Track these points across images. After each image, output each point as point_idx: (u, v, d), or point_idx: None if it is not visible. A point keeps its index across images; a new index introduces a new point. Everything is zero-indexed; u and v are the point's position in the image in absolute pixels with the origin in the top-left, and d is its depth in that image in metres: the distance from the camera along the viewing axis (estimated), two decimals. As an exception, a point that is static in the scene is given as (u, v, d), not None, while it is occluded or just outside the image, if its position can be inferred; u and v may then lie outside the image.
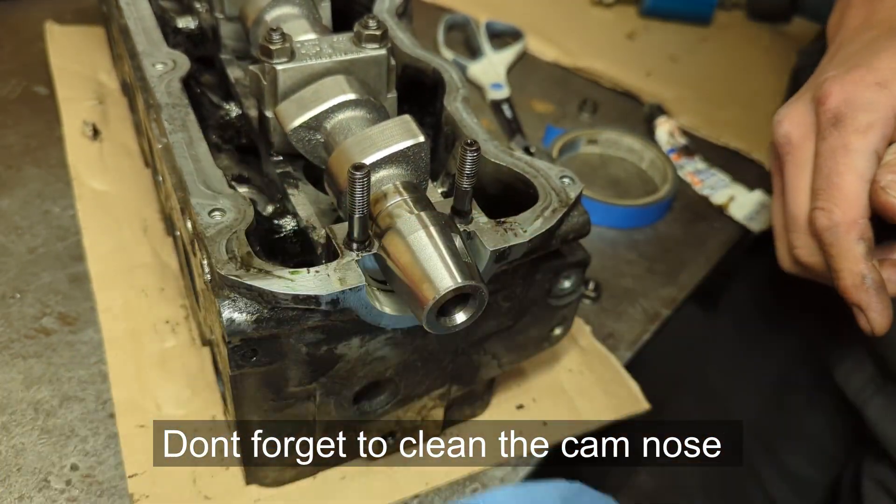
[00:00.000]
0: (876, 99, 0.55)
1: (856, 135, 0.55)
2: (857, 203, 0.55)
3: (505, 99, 1.02)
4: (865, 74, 0.56)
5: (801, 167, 0.59)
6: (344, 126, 0.54)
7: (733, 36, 1.21)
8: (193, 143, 0.53)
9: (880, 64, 0.56)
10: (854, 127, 0.55)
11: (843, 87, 0.56)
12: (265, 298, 0.44)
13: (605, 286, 0.80)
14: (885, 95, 0.55)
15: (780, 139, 0.60)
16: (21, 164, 0.85)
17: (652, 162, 0.94)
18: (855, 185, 0.55)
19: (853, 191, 0.55)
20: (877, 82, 0.55)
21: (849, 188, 0.55)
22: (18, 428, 0.62)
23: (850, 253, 0.55)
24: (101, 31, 1.01)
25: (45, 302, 0.71)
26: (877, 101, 0.55)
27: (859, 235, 0.55)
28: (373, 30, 0.57)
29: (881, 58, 0.57)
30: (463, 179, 0.47)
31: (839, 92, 0.56)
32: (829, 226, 0.55)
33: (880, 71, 0.56)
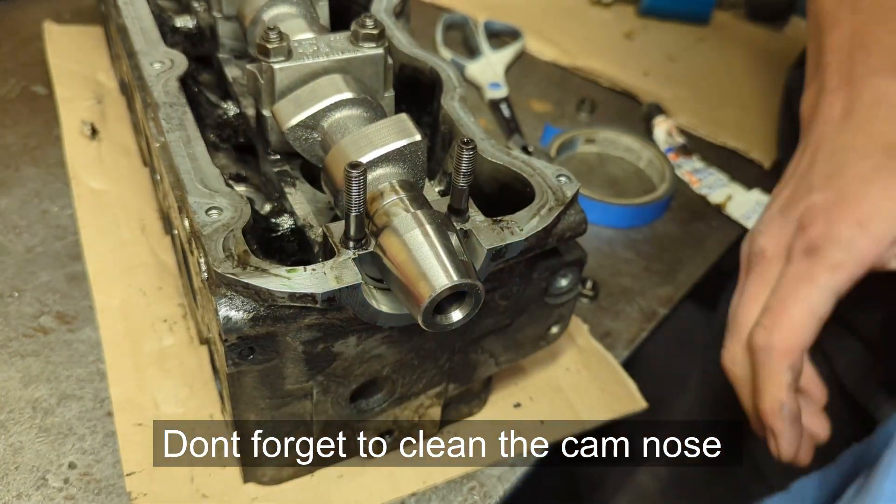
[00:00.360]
0: (854, 238, 0.55)
1: (824, 270, 0.55)
2: (799, 334, 0.55)
3: (503, 98, 1.02)
4: (850, 210, 0.56)
5: (765, 283, 0.59)
6: (341, 125, 0.54)
7: (731, 36, 1.22)
8: (191, 142, 0.53)
9: (868, 199, 0.56)
10: (825, 262, 0.55)
11: (828, 220, 0.56)
12: (262, 296, 0.44)
13: (602, 285, 0.80)
14: (864, 236, 0.55)
15: (754, 249, 0.61)
16: (19, 163, 0.85)
17: (650, 161, 0.94)
18: (803, 316, 0.55)
19: (800, 321, 0.55)
20: (857, 220, 0.55)
21: (797, 318, 0.55)
22: (16, 426, 0.62)
23: (777, 379, 0.56)
24: (99, 30, 1.01)
25: (43, 301, 0.71)
26: (854, 240, 0.55)
27: (790, 365, 0.56)
28: (370, 29, 0.57)
29: (870, 192, 0.57)
30: (459, 178, 0.47)
31: (822, 224, 0.56)
32: (765, 346, 0.56)
33: (865, 208, 0.56)
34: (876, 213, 0.55)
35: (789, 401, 0.56)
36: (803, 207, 0.59)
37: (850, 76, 0.65)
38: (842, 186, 0.58)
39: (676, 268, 0.83)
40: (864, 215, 0.56)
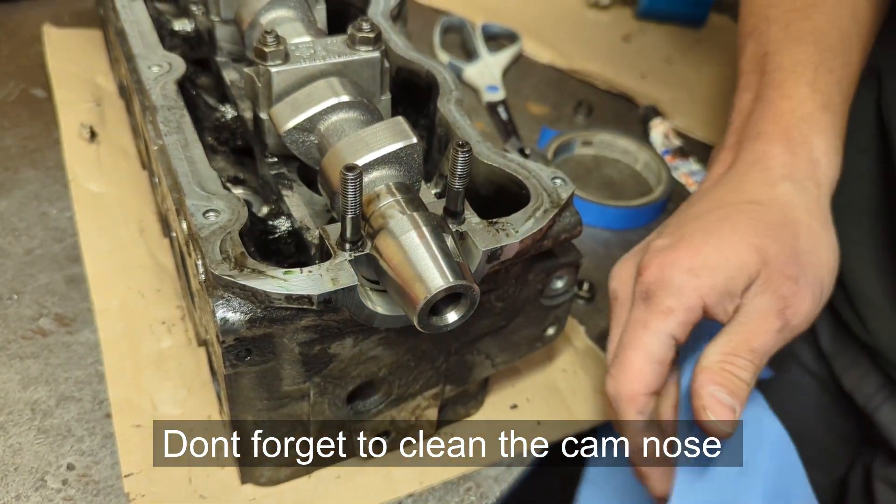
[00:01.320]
0: (684, 285, 0.55)
1: (656, 315, 0.56)
2: (639, 380, 0.56)
3: (500, 101, 1.02)
4: (682, 258, 0.56)
5: (619, 325, 0.60)
6: (337, 128, 0.54)
7: (728, 37, 1.22)
8: (189, 145, 0.54)
9: (704, 248, 0.57)
10: (657, 308, 0.56)
11: (661, 265, 0.57)
12: (258, 298, 0.45)
13: (599, 287, 0.80)
14: (693, 283, 0.55)
15: (610, 292, 0.62)
16: (18, 166, 0.85)
17: (646, 164, 0.95)
18: (641, 363, 0.56)
19: (638, 368, 0.56)
20: (689, 269, 0.56)
21: (635, 365, 0.56)
22: (15, 428, 0.62)
23: (629, 426, 0.57)
24: (98, 33, 1.01)
25: (41, 303, 0.72)
26: (684, 287, 0.55)
27: (638, 410, 0.57)
28: (366, 32, 0.57)
29: (708, 241, 0.57)
30: (455, 180, 0.48)
31: (656, 269, 0.57)
32: (614, 395, 0.57)
33: (699, 256, 0.56)
34: (707, 264, 0.56)
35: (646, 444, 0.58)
36: (646, 250, 0.60)
37: (742, 137, 0.66)
38: (684, 234, 0.59)
39: (673, 269, 0.83)
40: (696, 264, 0.56)
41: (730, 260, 0.56)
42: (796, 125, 0.64)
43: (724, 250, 0.56)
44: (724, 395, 0.53)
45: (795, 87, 0.66)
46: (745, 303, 0.56)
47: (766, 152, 0.63)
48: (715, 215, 0.60)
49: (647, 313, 0.56)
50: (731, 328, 0.56)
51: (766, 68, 0.69)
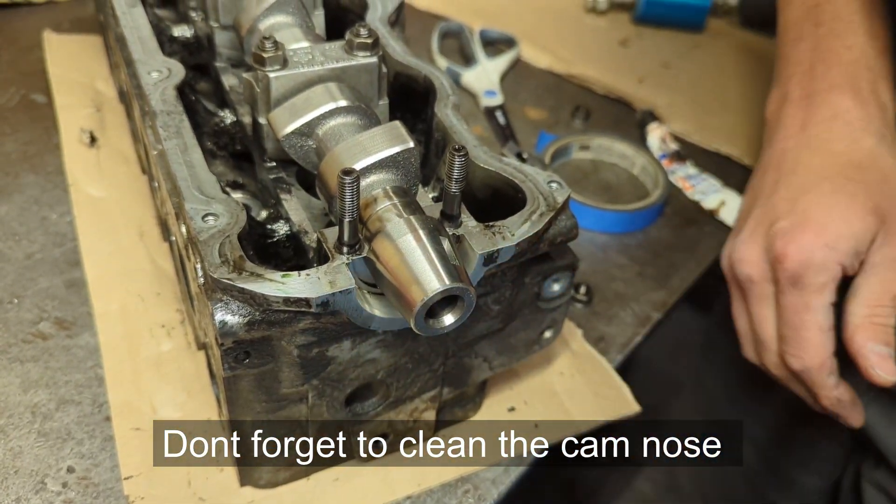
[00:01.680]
0: (827, 260, 0.63)
1: (814, 294, 0.64)
2: (822, 349, 0.64)
3: (498, 106, 1.03)
4: (817, 237, 0.64)
5: (765, 302, 0.68)
6: (335, 132, 0.55)
7: (725, 43, 1.23)
8: (188, 150, 0.54)
9: (829, 224, 0.64)
10: (812, 287, 0.64)
11: (799, 249, 0.64)
12: (257, 301, 0.45)
13: (596, 290, 0.81)
14: (833, 255, 0.63)
15: (741, 277, 0.69)
16: (19, 170, 0.86)
17: (643, 167, 0.95)
18: (819, 336, 0.64)
19: (819, 341, 0.64)
20: (826, 244, 0.63)
21: (814, 339, 0.64)
22: (16, 431, 0.63)
23: (825, 385, 0.65)
24: (98, 39, 1.02)
25: (42, 307, 0.72)
26: (827, 261, 0.63)
27: (829, 372, 0.65)
28: (364, 38, 0.58)
29: (830, 218, 0.64)
30: (451, 184, 0.48)
31: (795, 253, 0.64)
32: (803, 369, 0.65)
33: (829, 232, 0.64)
34: (840, 235, 0.63)
35: (841, 394, 0.66)
36: (774, 234, 0.66)
37: (810, 90, 0.71)
38: (805, 211, 0.65)
39: (670, 273, 0.84)
40: (829, 239, 0.63)
41: (855, 226, 0.63)
42: (862, 73, 0.70)
43: (848, 219, 0.64)
44: (882, 347, 0.62)
45: (855, 37, 0.71)
46: (870, 257, 0.64)
47: (841, 105, 0.69)
48: (827, 187, 0.66)
49: (804, 296, 0.64)
50: (866, 281, 0.64)
51: (821, 18, 0.73)
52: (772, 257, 0.66)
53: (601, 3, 1.24)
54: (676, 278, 0.84)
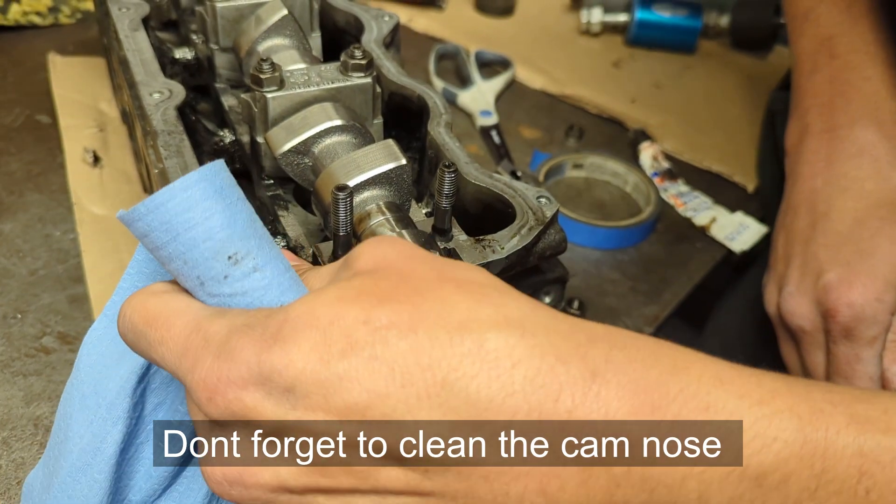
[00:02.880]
0: (878, 313, 0.64)
1: (865, 347, 0.65)
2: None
3: (493, 125, 1.05)
4: (866, 289, 0.65)
5: (818, 349, 0.69)
6: (330, 150, 0.57)
7: (716, 63, 1.25)
8: (188, 168, 0.56)
9: (876, 274, 0.65)
10: (864, 340, 0.65)
11: (850, 304, 0.65)
12: (254, 312, 0.47)
13: (589, 305, 0.82)
14: (883, 307, 0.64)
15: (794, 328, 0.70)
16: (23, 189, 0.87)
17: (636, 185, 0.97)
18: (869, 385, 0.66)
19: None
20: (876, 297, 0.64)
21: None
22: (18, 443, 0.64)
23: None
24: (102, 61, 1.04)
25: (45, 322, 0.73)
26: (878, 314, 0.64)
27: None
28: (358, 59, 0.60)
29: (875, 266, 0.65)
30: (442, 199, 0.50)
31: (847, 310, 0.65)
32: None
33: (877, 283, 0.65)
34: (888, 284, 0.64)
35: None
36: (823, 288, 0.67)
37: (832, 124, 0.71)
38: (850, 264, 0.66)
39: (662, 288, 0.86)
40: (879, 290, 0.64)
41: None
42: (884, 106, 0.70)
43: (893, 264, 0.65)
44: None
45: (873, 68, 0.71)
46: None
47: (866, 140, 0.69)
48: (866, 232, 0.67)
49: (856, 347, 0.65)
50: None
51: (836, 51, 0.73)
52: (823, 310, 0.67)
53: (594, 26, 1.26)
54: (668, 293, 0.85)
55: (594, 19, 1.25)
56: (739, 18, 1.27)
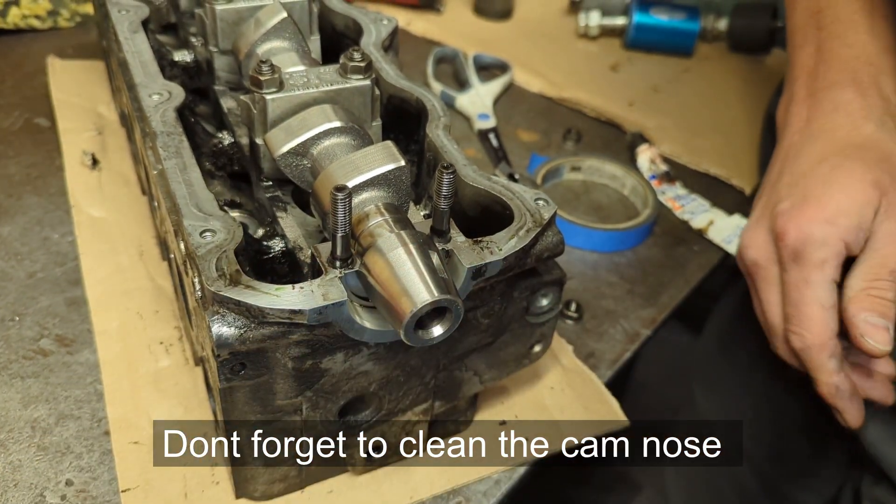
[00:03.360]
0: (827, 235, 0.64)
1: (814, 269, 0.64)
2: (823, 327, 0.63)
3: (491, 128, 1.05)
4: (816, 212, 0.65)
5: (771, 285, 0.68)
6: (329, 152, 0.57)
7: (714, 67, 1.25)
8: (187, 169, 0.56)
9: (829, 200, 0.65)
10: (812, 263, 0.64)
11: (799, 225, 0.65)
12: (252, 313, 0.47)
13: (587, 307, 0.82)
14: (834, 231, 0.63)
15: (748, 262, 0.70)
16: (22, 192, 0.87)
17: (633, 188, 0.97)
18: (819, 312, 0.64)
19: (819, 318, 0.64)
20: (826, 219, 0.64)
21: (815, 316, 0.64)
22: (16, 445, 0.64)
23: (824, 368, 0.64)
24: (100, 64, 1.04)
25: (43, 324, 0.73)
26: (828, 237, 0.64)
27: (830, 354, 0.64)
28: (357, 62, 0.60)
29: (830, 193, 0.65)
30: (440, 200, 0.50)
31: (795, 230, 0.65)
32: (803, 347, 0.65)
33: (828, 207, 0.64)
34: (839, 210, 0.63)
35: (841, 382, 0.65)
36: (776, 215, 0.67)
37: (813, 88, 0.73)
38: (805, 190, 0.66)
39: (659, 290, 0.86)
40: (829, 214, 0.63)
41: (856, 199, 0.64)
42: (862, 69, 0.72)
43: (848, 193, 0.64)
44: (876, 318, 0.61)
45: (856, 35, 0.73)
46: (874, 231, 0.64)
47: (842, 98, 0.71)
48: (826, 166, 0.67)
49: (804, 271, 0.64)
50: (867, 256, 0.64)
51: (823, 22, 0.76)
52: (774, 237, 0.66)
53: (593, 29, 1.26)
54: (665, 296, 0.85)
55: (592, 23, 1.26)
56: (737, 22, 1.27)
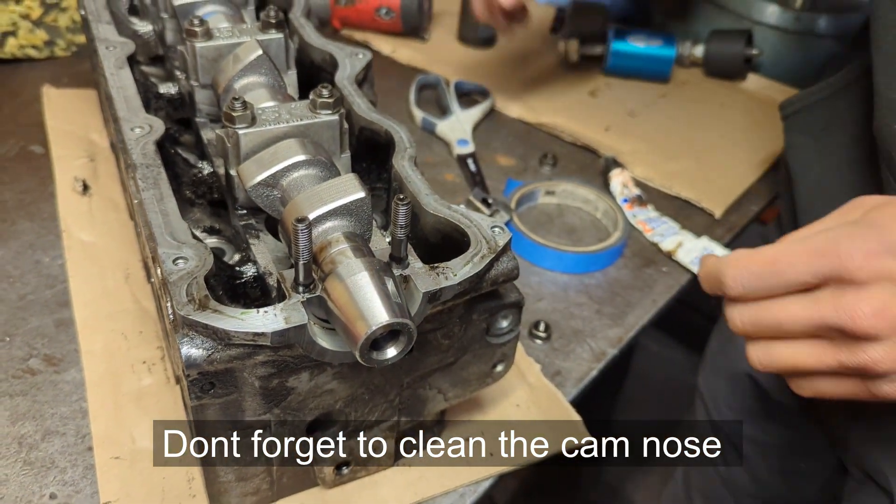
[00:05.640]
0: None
1: None
2: None
3: (470, 154, 1.09)
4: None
5: None
6: (297, 183, 0.60)
7: (690, 92, 1.29)
8: (163, 199, 0.60)
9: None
10: None
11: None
12: (219, 335, 0.50)
13: (555, 327, 0.86)
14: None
15: None
16: (15, 217, 0.91)
17: (605, 211, 1.01)
18: None
19: None
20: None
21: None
22: (3, 460, 0.67)
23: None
24: (94, 93, 1.08)
25: (32, 344, 0.77)
26: None
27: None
28: (326, 98, 0.64)
29: None
30: (397, 229, 0.54)
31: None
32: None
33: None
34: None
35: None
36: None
37: None
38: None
39: (626, 311, 0.89)
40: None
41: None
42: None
43: None
44: None
45: None
46: None
47: None
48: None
49: None
50: None
51: None
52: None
53: (572, 55, 1.30)
54: (632, 316, 0.88)
55: (572, 49, 1.30)
56: (713, 48, 1.31)
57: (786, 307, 0.56)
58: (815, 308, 0.55)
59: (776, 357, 0.58)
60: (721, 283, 0.59)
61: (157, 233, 0.57)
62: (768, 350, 0.59)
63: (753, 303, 0.58)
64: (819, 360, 0.56)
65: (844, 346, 0.55)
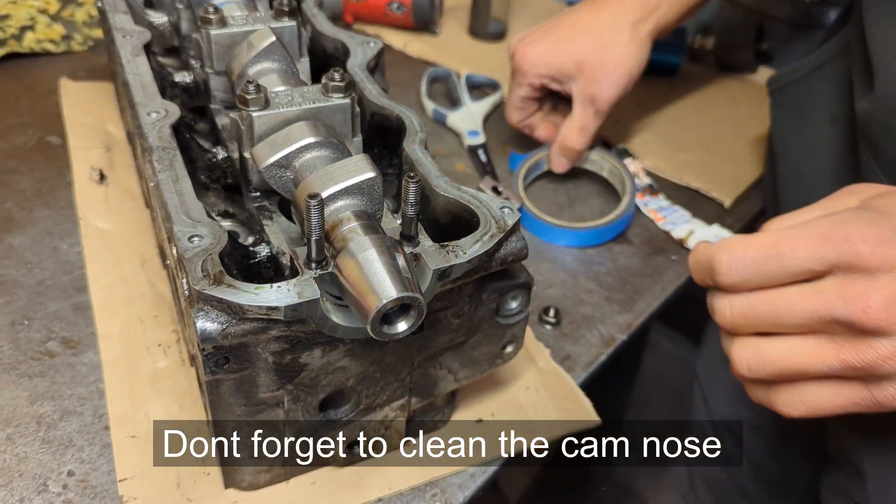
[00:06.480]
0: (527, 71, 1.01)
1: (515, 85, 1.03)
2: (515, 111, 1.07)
3: (481, 144, 1.10)
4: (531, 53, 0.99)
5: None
6: (310, 164, 0.62)
7: (700, 85, 1.29)
8: (179, 181, 0.61)
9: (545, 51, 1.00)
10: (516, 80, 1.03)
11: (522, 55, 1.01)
12: (233, 310, 0.51)
13: (565, 313, 0.86)
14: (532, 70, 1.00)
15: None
16: (33, 206, 0.93)
17: (611, 171, 1.02)
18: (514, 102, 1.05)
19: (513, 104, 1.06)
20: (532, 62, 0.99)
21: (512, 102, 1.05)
22: (22, 439, 0.69)
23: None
24: (110, 86, 1.10)
25: (50, 328, 0.78)
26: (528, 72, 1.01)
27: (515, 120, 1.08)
28: (337, 82, 0.65)
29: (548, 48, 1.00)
30: (407, 207, 0.55)
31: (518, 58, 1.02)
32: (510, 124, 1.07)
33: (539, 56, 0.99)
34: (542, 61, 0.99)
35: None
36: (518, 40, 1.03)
37: None
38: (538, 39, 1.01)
39: (635, 297, 0.89)
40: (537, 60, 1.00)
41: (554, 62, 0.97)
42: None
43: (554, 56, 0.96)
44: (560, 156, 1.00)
45: None
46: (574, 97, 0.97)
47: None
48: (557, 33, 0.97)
49: (513, 81, 1.02)
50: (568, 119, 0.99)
51: None
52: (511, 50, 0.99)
53: (582, 49, 1.31)
54: (642, 303, 0.89)
55: (582, 43, 1.30)
56: (724, 41, 1.32)
57: (785, 296, 0.51)
58: (819, 298, 0.50)
59: (768, 356, 0.53)
60: (713, 271, 0.54)
61: (173, 212, 0.58)
62: (759, 348, 0.53)
63: (748, 293, 0.53)
64: (819, 358, 0.51)
65: (848, 343, 0.50)
